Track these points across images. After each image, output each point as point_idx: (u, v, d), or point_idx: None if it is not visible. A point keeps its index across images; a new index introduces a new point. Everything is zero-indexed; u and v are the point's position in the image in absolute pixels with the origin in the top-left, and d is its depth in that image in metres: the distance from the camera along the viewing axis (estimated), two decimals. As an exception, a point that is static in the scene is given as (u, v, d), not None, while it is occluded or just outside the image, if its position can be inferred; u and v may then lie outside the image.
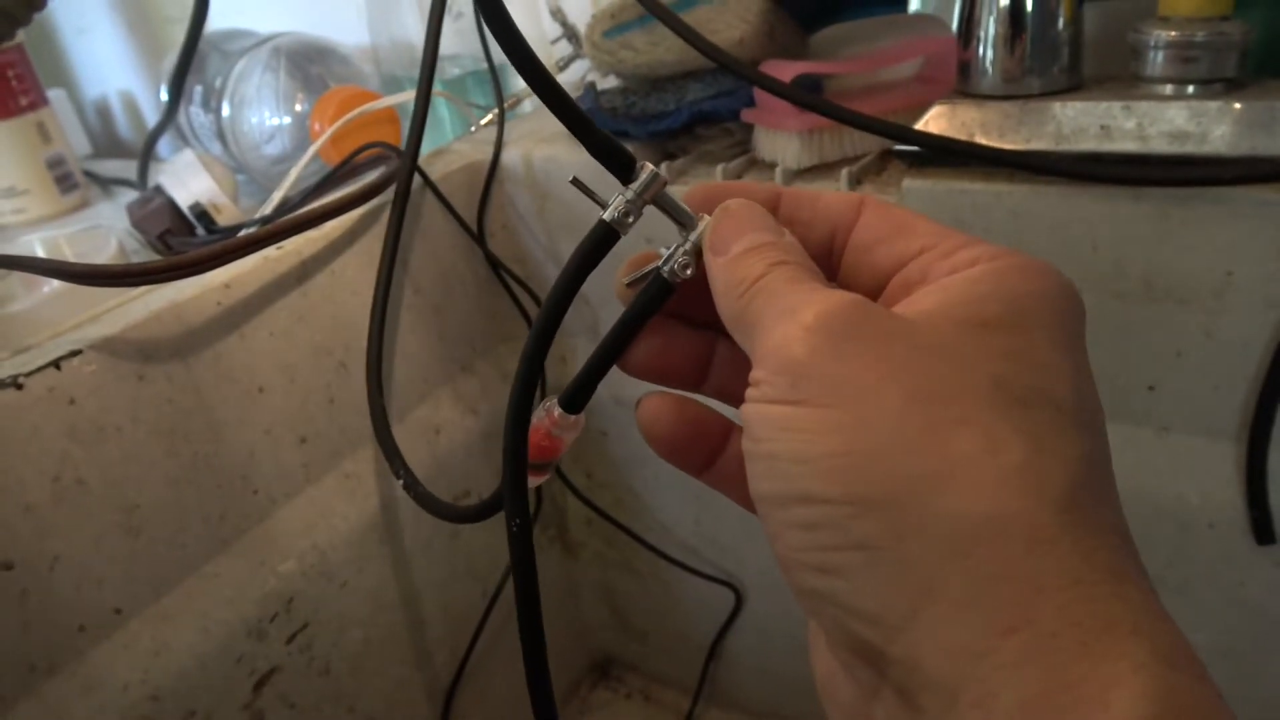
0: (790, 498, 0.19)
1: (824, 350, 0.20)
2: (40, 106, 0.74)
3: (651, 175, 0.24)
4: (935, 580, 0.17)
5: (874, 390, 0.19)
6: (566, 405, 0.26)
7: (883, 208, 0.24)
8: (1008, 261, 0.21)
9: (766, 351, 0.21)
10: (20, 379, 0.36)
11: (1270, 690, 0.46)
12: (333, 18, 0.78)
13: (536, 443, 0.27)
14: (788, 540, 0.20)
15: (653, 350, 0.26)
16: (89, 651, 0.39)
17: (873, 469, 0.18)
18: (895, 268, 0.23)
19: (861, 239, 0.24)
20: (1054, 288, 0.21)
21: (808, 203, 0.25)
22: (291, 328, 0.47)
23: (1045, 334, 0.20)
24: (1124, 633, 0.17)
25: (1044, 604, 0.17)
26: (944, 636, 0.17)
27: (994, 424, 0.18)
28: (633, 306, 0.26)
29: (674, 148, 0.57)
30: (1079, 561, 0.17)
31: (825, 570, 0.19)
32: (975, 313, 0.20)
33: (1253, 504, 0.42)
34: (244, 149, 0.68)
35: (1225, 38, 0.39)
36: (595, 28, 0.56)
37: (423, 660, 0.56)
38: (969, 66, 0.45)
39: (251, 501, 0.45)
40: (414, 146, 0.53)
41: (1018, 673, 0.16)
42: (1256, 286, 0.40)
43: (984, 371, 0.19)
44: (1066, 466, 0.18)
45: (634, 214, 0.25)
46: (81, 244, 0.57)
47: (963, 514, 0.18)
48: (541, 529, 0.68)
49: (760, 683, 0.69)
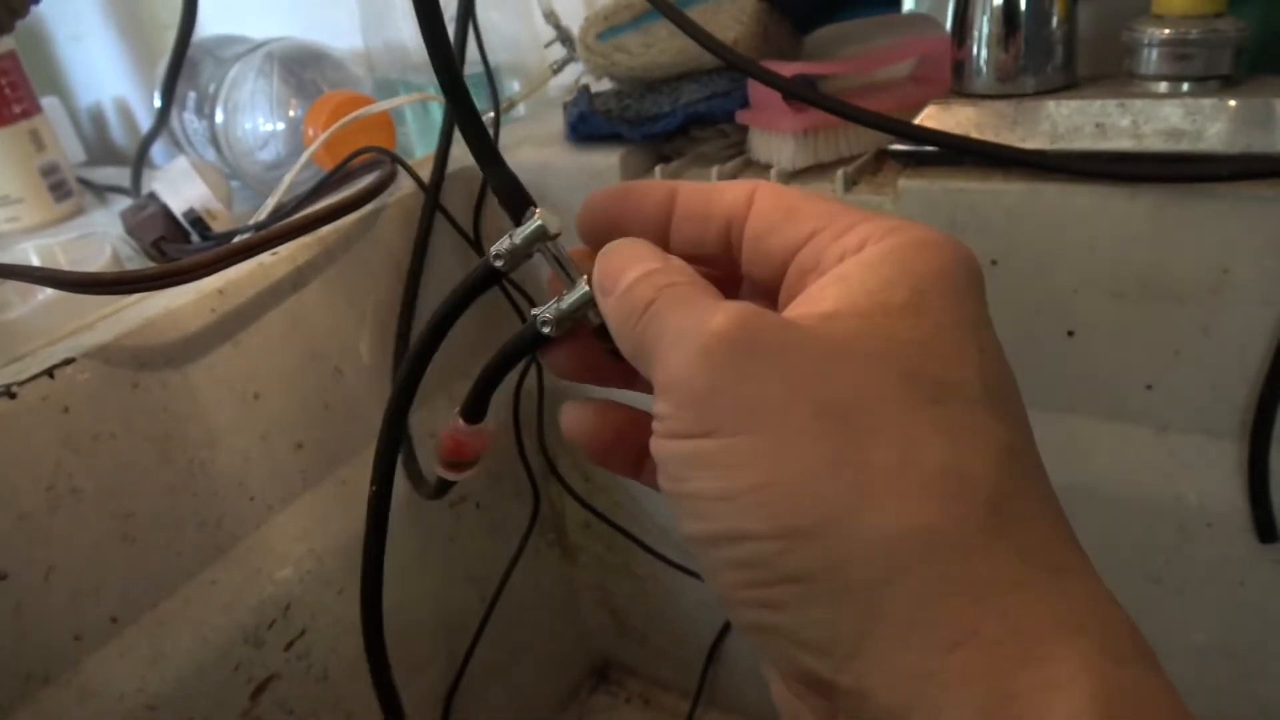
0: (719, 537, 0.19)
1: (723, 373, 0.19)
2: (34, 114, 0.73)
3: (537, 228, 0.24)
4: (877, 604, 0.17)
5: (782, 409, 0.18)
6: (465, 417, 0.30)
7: (773, 193, 0.23)
8: (902, 238, 0.20)
9: (666, 382, 0.20)
10: (14, 387, 0.36)
11: (1270, 690, 0.46)
12: (326, 22, 0.78)
13: (449, 445, 0.31)
14: (724, 579, 0.19)
15: (575, 354, 0.26)
16: (85, 660, 0.38)
17: (797, 496, 0.18)
18: (789, 255, 0.22)
19: (755, 228, 0.23)
20: (950, 262, 0.20)
21: (702, 197, 0.24)
22: (286, 334, 0.46)
23: (950, 314, 0.19)
24: (1068, 631, 0.16)
25: (985, 614, 0.16)
26: (891, 661, 0.17)
27: (909, 428, 0.18)
28: (506, 345, 0.26)
29: (669, 150, 0.57)
30: (1017, 564, 0.17)
31: (765, 605, 0.18)
32: (879, 300, 0.19)
33: (1255, 502, 0.42)
34: (238, 155, 0.68)
35: (1220, 35, 0.39)
36: (589, 30, 0.56)
37: (421, 666, 0.56)
38: (963, 66, 0.45)
39: (248, 508, 0.45)
40: (436, 180, 0.54)
41: (964, 690, 0.16)
42: (1254, 283, 0.40)
43: (892, 370, 0.18)
44: (989, 463, 0.18)
45: (510, 259, 0.25)
46: (76, 251, 0.57)
47: (893, 531, 0.17)
48: (540, 533, 0.68)
49: (760, 686, 0.68)
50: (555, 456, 0.64)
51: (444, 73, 0.23)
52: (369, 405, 0.52)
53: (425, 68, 0.73)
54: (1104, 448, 0.45)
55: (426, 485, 0.50)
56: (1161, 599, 0.16)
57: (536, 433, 0.63)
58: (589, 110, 0.55)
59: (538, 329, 0.25)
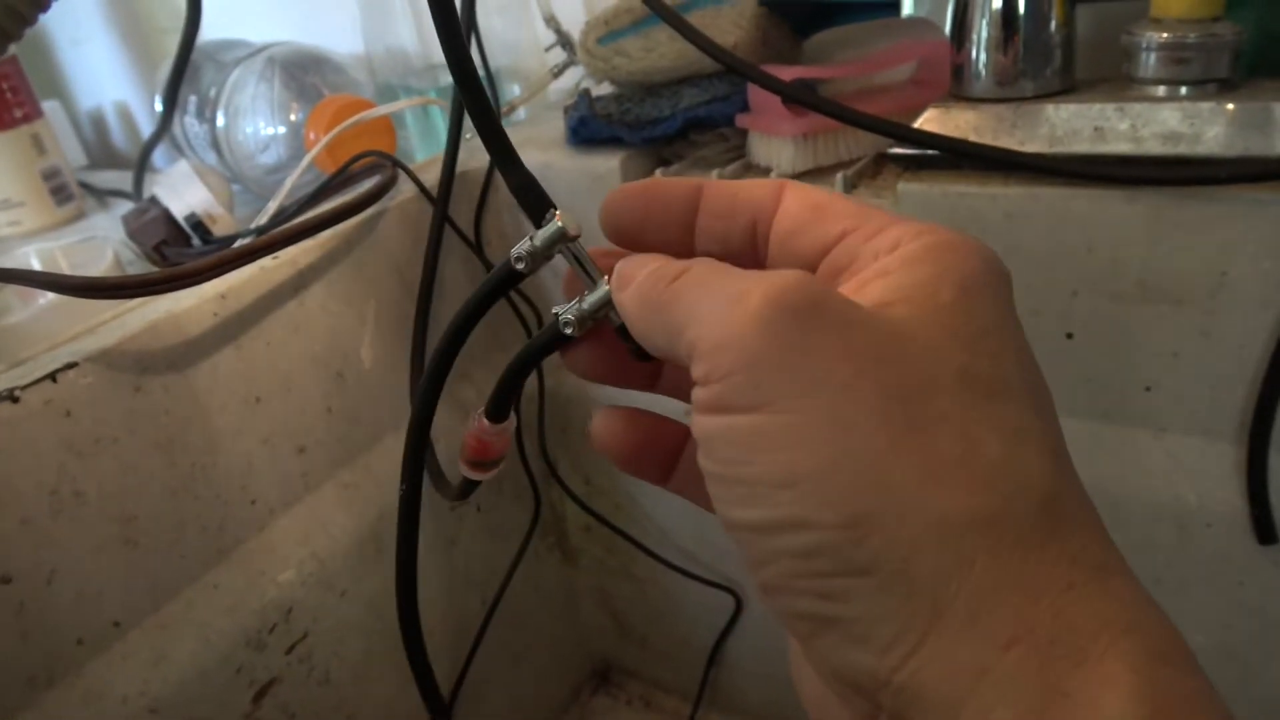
0: (778, 525, 0.18)
1: (785, 340, 0.17)
2: (35, 118, 0.74)
3: (557, 230, 0.24)
4: (943, 596, 0.17)
5: (847, 389, 0.17)
6: (489, 416, 0.30)
7: (801, 191, 0.22)
8: (935, 239, 0.20)
9: (712, 345, 0.18)
10: (17, 392, 0.36)
11: (1270, 691, 0.46)
12: (327, 27, 0.78)
13: (470, 443, 0.31)
14: (779, 568, 0.18)
15: (597, 355, 0.25)
16: (88, 663, 0.39)
17: (865, 480, 0.17)
18: (819, 254, 0.22)
19: (783, 226, 0.22)
20: (984, 263, 0.20)
21: (728, 195, 0.23)
22: (288, 338, 0.47)
23: (990, 317, 0.19)
24: (1118, 632, 0.16)
25: (1041, 611, 0.16)
26: (950, 656, 0.17)
27: (968, 421, 0.18)
28: (527, 345, 0.26)
29: (669, 153, 0.57)
30: (1068, 564, 0.17)
31: (826, 596, 0.18)
32: (929, 296, 0.19)
33: (1253, 503, 0.42)
34: (239, 159, 0.68)
35: (1217, 39, 0.40)
36: (589, 35, 0.56)
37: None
38: (962, 70, 0.45)
39: (250, 511, 0.45)
40: (444, 194, 0.54)
41: (1015, 686, 0.16)
42: (1252, 286, 0.40)
43: (950, 363, 0.18)
44: (1041, 461, 0.18)
45: (530, 260, 0.24)
46: (77, 256, 0.57)
47: (960, 520, 0.17)
48: (540, 536, 0.68)
49: (761, 687, 0.68)
50: (556, 460, 0.64)
51: (462, 75, 0.23)
52: (370, 408, 0.52)
53: (426, 72, 0.74)
54: (1104, 449, 0.45)
55: (450, 487, 0.50)
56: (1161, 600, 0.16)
57: (537, 436, 0.63)
58: (589, 114, 0.55)
59: (559, 329, 0.25)
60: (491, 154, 0.25)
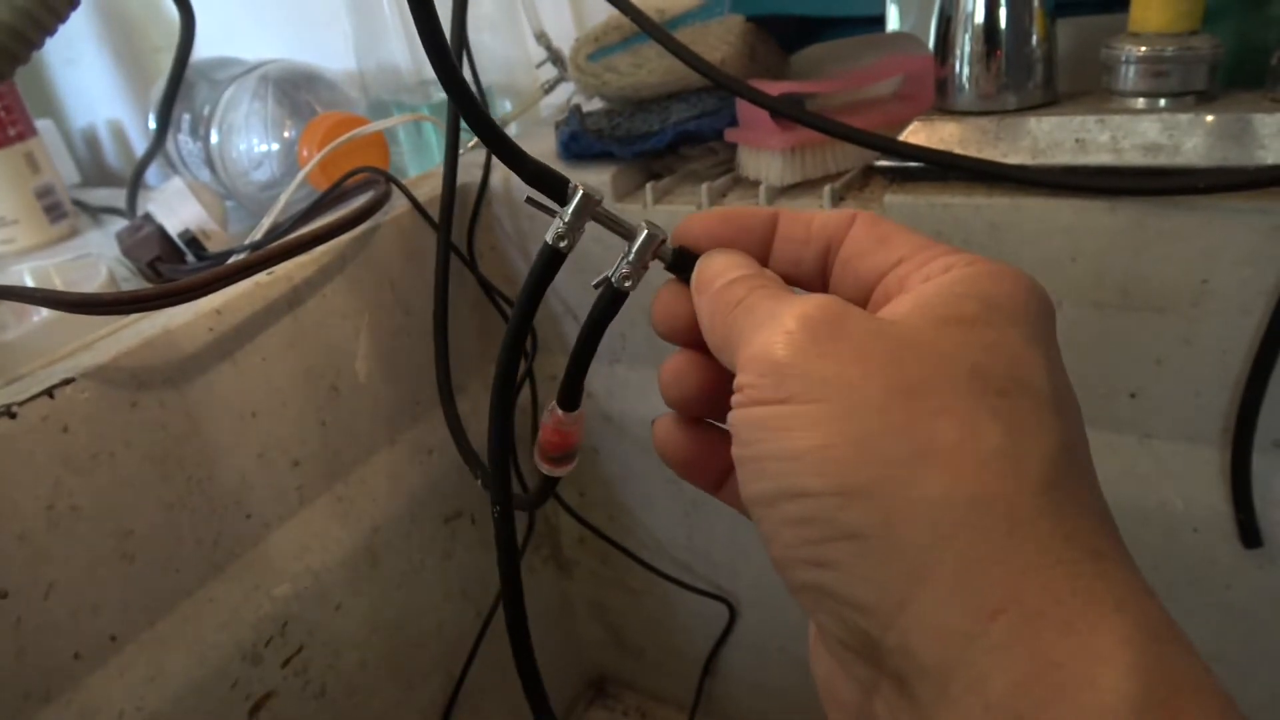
0: (780, 495, 0.20)
1: (806, 349, 0.20)
2: (29, 137, 0.74)
3: (583, 198, 0.25)
4: (924, 564, 0.18)
5: (856, 385, 0.19)
6: (563, 405, 0.30)
7: (870, 222, 0.25)
8: (980, 267, 0.22)
9: (749, 357, 0.21)
10: (14, 408, 0.36)
11: (1258, 695, 0.46)
12: (320, 44, 0.79)
13: (550, 439, 0.31)
14: (782, 537, 0.20)
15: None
16: (84, 678, 0.39)
17: (858, 457, 0.19)
18: (877, 278, 0.24)
19: (848, 252, 0.25)
20: (1024, 289, 0.22)
21: (803, 222, 0.26)
22: (283, 353, 0.47)
23: (1019, 330, 0.21)
24: (1107, 609, 0.17)
25: (1028, 584, 0.17)
26: (935, 620, 0.18)
27: (972, 412, 0.19)
28: (590, 316, 0.27)
29: (659, 167, 0.57)
30: (1060, 542, 0.18)
31: (818, 563, 0.19)
32: (952, 311, 0.21)
33: (1238, 507, 0.43)
34: (233, 176, 0.68)
35: (1194, 52, 0.40)
36: (579, 51, 0.57)
37: (418, 682, 0.56)
38: (946, 84, 0.46)
39: (245, 525, 0.46)
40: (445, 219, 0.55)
41: (1007, 654, 0.17)
42: (1232, 293, 0.41)
43: (962, 363, 0.20)
44: (1044, 451, 0.19)
45: (570, 235, 0.26)
46: (71, 273, 0.57)
47: (947, 498, 0.18)
48: (534, 548, 0.68)
49: (755, 697, 0.69)
50: (550, 471, 0.65)
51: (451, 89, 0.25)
52: (365, 422, 0.52)
53: (418, 89, 0.74)
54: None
55: (523, 497, 0.46)
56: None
57: (530, 449, 0.63)
58: (580, 129, 0.56)
59: (618, 288, 0.26)
60: (498, 154, 0.26)
